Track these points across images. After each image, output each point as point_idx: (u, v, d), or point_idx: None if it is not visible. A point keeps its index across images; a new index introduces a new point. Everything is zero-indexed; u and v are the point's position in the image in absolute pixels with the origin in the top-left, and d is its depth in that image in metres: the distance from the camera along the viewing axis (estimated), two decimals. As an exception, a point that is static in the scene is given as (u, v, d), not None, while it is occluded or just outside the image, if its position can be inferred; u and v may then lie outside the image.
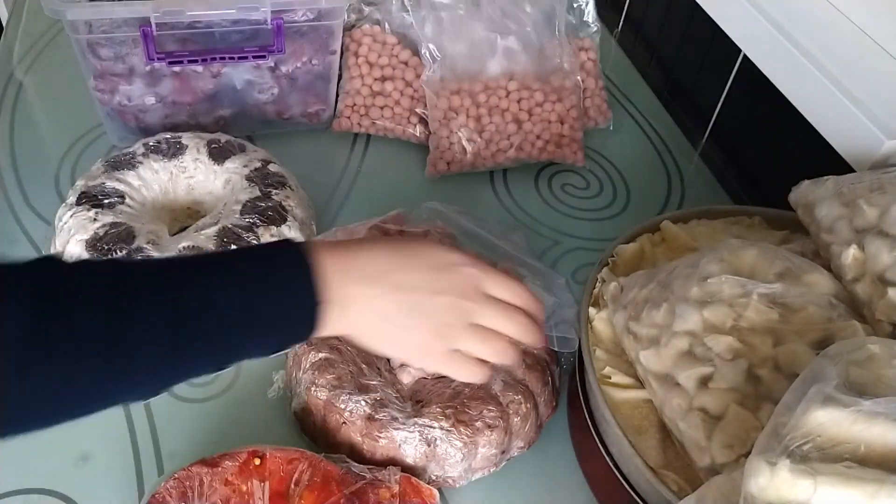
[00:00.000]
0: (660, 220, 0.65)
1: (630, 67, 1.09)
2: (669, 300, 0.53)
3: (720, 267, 0.53)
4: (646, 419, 0.53)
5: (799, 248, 0.59)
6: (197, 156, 0.76)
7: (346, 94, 0.90)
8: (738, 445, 0.46)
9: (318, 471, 0.52)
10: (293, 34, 0.82)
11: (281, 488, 0.51)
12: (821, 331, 0.49)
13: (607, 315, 0.58)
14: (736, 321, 0.50)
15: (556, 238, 0.82)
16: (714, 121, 0.95)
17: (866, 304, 0.51)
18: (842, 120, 0.65)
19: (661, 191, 0.89)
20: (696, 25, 0.96)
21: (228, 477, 0.52)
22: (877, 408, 0.37)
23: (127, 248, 0.66)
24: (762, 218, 0.66)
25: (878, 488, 0.36)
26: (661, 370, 0.52)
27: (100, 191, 0.71)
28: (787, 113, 0.72)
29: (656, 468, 0.50)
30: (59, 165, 0.84)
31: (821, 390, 0.39)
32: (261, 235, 0.69)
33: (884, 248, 0.51)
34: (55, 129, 0.89)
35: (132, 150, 0.76)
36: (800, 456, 0.37)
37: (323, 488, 0.51)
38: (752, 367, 0.48)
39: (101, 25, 0.76)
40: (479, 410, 0.58)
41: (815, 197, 0.58)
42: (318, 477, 0.52)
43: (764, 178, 0.87)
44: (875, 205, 0.53)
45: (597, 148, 0.94)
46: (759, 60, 0.75)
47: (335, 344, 0.61)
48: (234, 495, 0.51)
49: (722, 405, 0.48)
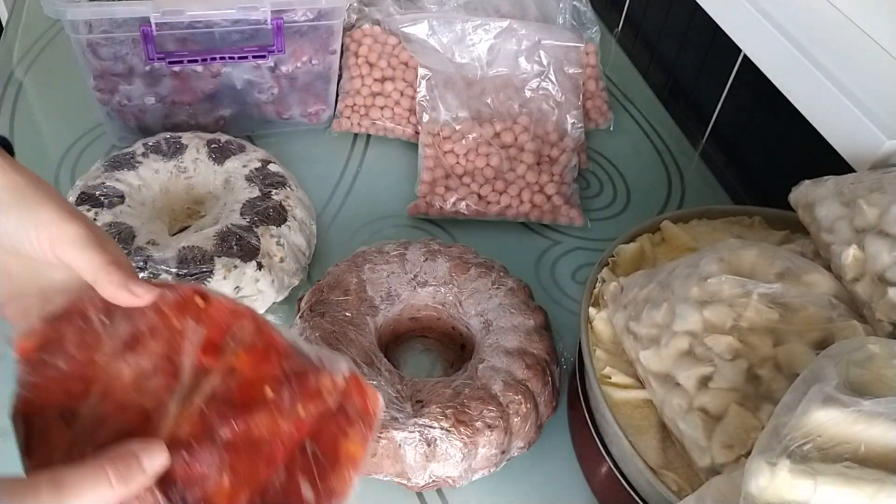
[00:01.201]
0: (660, 220, 0.65)
1: (630, 67, 1.09)
2: (669, 300, 0.53)
3: (720, 267, 0.52)
4: (646, 419, 0.53)
5: (799, 248, 0.59)
6: (197, 156, 0.76)
7: (346, 94, 0.90)
8: (738, 445, 0.46)
9: (263, 335, 0.44)
10: (293, 34, 0.82)
11: (216, 339, 0.44)
12: (821, 331, 0.49)
13: (607, 315, 0.58)
14: (736, 321, 0.50)
15: (556, 238, 0.82)
16: (714, 121, 0.95)
17: (866, 303, 0.51)
18: (842, 120, 0.65)
19: (662, 191, 0.89)
20: (696, 25, 0.96)
21: (163, 307, 0.44)
22: (877, 408, 0.37)
23: (127, 248, 0.66)
24: (762, 218, 0.66)
25: (879, 488, 0.36)
26: (662, 370, 0.52)
27: (99, 191, 0.71)
28: (788, 113, 0.72)
29: (656, 468, 0.50)
30: (58, 165, 0.84)
31: (821, 390, 0.38)
32: (261, 235, 0.69)
33: (884, 247, 0.51)
34: (55, 128, 0.89)
35: (132, 149, 0.76)
36: (800, 456, 0.37)
37: (262, 355, 0.44)
38: (752, 367, 0.48)
39: (101, 25, 0.76)
40: (479, 410, 0.58)
41: (816, 197, 0.58)
42: (261, 342, 0.44)
43: (764, 177, 0.87)
44: (875, 205, 0.53)
45: (597, 148, 0.94)
46: (760, 60, 0.75)
47: (335, 344, 0.61)
48: (162, 328, 0.43)
49: (722, 405, 0.48)
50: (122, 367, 0.42)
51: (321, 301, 0.64)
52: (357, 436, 0.44)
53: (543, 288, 0.76)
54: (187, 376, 0.43)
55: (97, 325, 0.43)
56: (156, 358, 0.43)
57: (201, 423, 0.41)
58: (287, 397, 0.42)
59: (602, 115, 0.96)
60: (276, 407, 0.42)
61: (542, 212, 0.82)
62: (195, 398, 0.42)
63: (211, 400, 0.42)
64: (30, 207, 0.42)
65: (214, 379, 0.42)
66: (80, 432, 0.40)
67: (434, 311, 0.68)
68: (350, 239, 0.80)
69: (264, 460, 0.41)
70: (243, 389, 0.42)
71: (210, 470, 0.40)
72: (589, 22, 0.98)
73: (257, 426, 0.41)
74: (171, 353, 0.43)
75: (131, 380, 0.42)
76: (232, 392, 0.42)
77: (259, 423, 0.41)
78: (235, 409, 0.41)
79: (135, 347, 0.43)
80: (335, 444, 0.43)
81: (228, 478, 0.40)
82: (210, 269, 0.66)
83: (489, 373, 0.60)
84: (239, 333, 0.44)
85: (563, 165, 0.85)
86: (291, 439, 0.42)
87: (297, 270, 0.72)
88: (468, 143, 0.86)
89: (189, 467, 0.40)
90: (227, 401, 0.42)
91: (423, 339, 0.71)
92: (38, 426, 0.41)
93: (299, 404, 0.42)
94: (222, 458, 0.40)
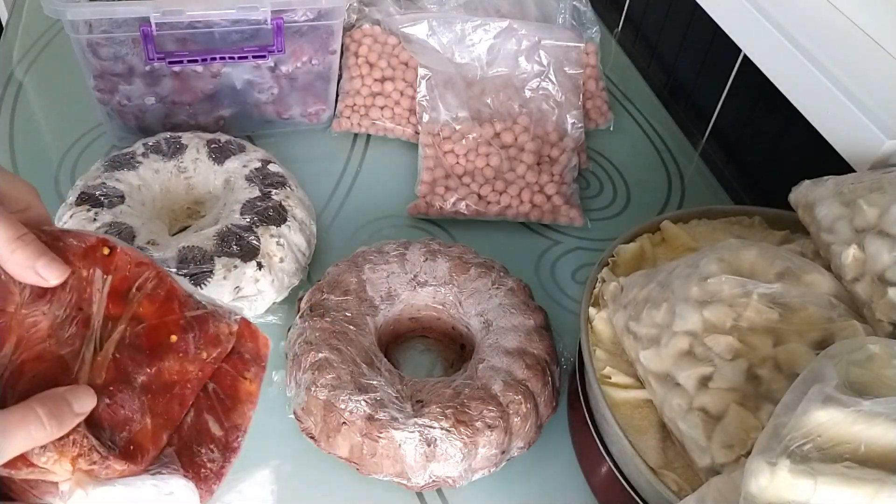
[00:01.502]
0: (660, 220, 0.65)
1: (630, 67, 1.09)
2: (669, 300, 0.53)
3: (720, 267, 0.52)
4: (646, 419, 0.53)
5: (799, 248, 0.59)
6: (197, 156, 0.76)
7: (346, 94, 0.90)
8: (738, 445, 0.46)
9: (164, 285, 0.47)
10: (293, 34, 0.82)
11: (122, 288, 0.46)
12: (821, 331, 0.49)
13: (607, 315, 0.58)
14: (736, 321, 0.50)
15: (556, 238, 0.82)
16: (714, 121, 0.95)
17: (866, 303, 0.51)
18: (842, 120, 0.65)
19: (662, 191, 0.89)
20: (696, 25, 0.96)
21: (71, 255, 0.45)
22: (877, 408, 0.37)
23: (127, 248, 0.66)
24: (762, 218, 0.66)
25: (879, 489, 0.36)
26: (661, 370, 0.52)
27: (100, 191, 0.71)
28: (788, 113, 0.72)
29: (656, 468, 0.50)
30: (58, 165, 0.84)
31: (821, 390, 0.38)
32: (261, 235, 0.69)
33: (884, 247, 0.51)
34: (55, 128, 0.89)
35: (132, 149, 0.76)
36: (800, 456, 0.37)
37: (164, 304, 0.47)
38: (752, 366, 0.48)
39: (101, 25, 0.76)
40: (479, 410, 0.58)
41: (816, 197, 0.58)
42: (163, 291, 0.47)
43: (764, 177, 0.87)
44: (875, 205, 0.53)
45: (597, 148, 0.94)
46: (760, 60, 0.75)
47: (335, 344, 0.61)
48: (72, 278, 0.45)
49: (722, 405, 0.48)
50: (37, 318, 0.43)
51: (321, 301, 0.64)
52: (252, 375, 0.49)
53: (543, 288, 0.76)
54: (97, 324, 0.45)
55: (4, 277, 0.43)
56: (68, 307, 0.44)
57: (116, 369, 0.44)
58: (192, 342, 0.46)
59: (602, 115, 0.96)
60: (183, 351, 0.46)
61: (542, 212, 0.82)
62: (107, 346, 0.44)
63: (121, 346, 0.44)
64: None
65: (122, 327, 0.45)
66: (0, 384, 0.42)
67: (434, 311, 0.68)
68: (350, 239, 0.80)
69: (177, 401, 0.45)
70: (150, 336, 0.45)
71: (132, 412, 0.43)
72: (589, 22, 0.98)
73: (168, 370, 0.45)
74: (80, 302, 0.45)
75: (47, 330, 0.43)
76: (140, 339, 0.45)
77: (170, 367, 0.45)
78: (145, 354, 0.45)
79: (46, 297, 0.44)
80: (235, 384, 0.48)
81: (150, 419, 0.44)
82: (210, 269, 0.66)
83: (489, 373, 0.60)
84: (142, 283, 0.47)
85: (563, 165, 0.85)
86: (198, 381, 0.46)
87: (297, 270, 0.72)
88: (468, 143, 0.85)
89: (113, 411, 0.42)
90: (136, 347, 0.45)
91: (423, 339, 0.71)
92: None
93: (202, 349, 0.46)
94: (141, 401, 0.43)
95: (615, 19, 1.16)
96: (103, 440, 0.41)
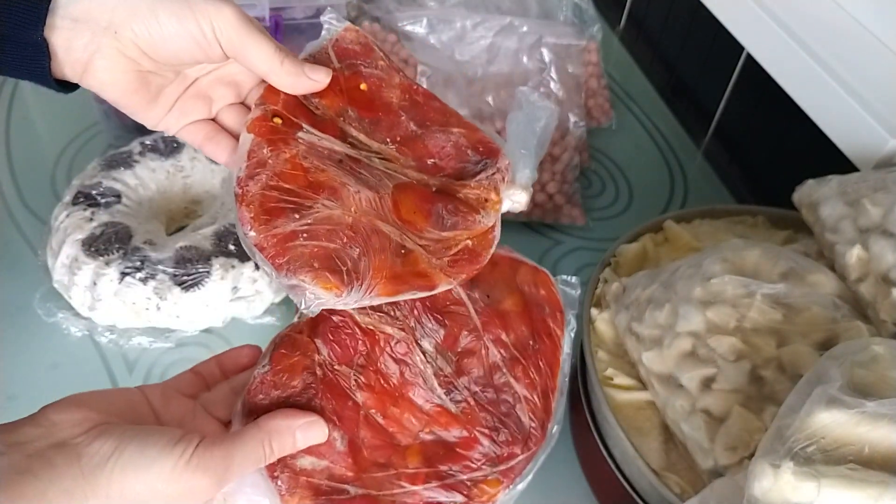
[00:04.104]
0: (663, 220, 0.65)
1: (632, 66, 1.08)
2: (672, 300, 0.52)
3: (723, 267, 0.52)
4: (648, 421, 0.53)
5: (803, 248, 0.58)
6: (194, 154, 0.76)
7: (346, 93, 0.90)
8: (741, 447, 0.46)
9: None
10: (292, 31, 0.81)
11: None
12: (825, 331, 0.49)
13: (609, 316, 0.58)
14: (739, 322, 0.49)
15: (558, 237, 0.82)
16: (717, 119, 0.94)
17: (870, 304, 0.50)
18: (846, 119, 0.64)
19: (664, 190, 0.89)
20: (698, 23, 0.96)
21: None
22: (881, 409, 0.37)
23: (123, 247, 0.65)
24: (766, 217, 0.65)
25: (882, 490, 0.36)
26: (664, 371, 0.51)
27: (96, 190, 0.70)
28: (791, 111, 0.71)
29: (659, 470, 0.50)
30: (55, 164, 0.84)
31: (825, 392, 0.38)
32: (259, 235, 0.68)
33: (888, 247, 0.50)
34: (51, 127, 0.89)
35: (129, 148, 0.76)
36: (803, 458, 0.37)
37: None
38: (755, 368, 0.48)
39: (99, 23, 0.75)
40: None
41: (819, 196, 0.57)
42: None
43: (767, 177, 0.87)
44: (879, 204, 0.52)
45: (599, 147, 0.93)
46: (763, 59, 0.75)
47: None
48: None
49: (725, 407, 0.47)
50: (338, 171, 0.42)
51: (320, 301, 0.63)
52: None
53: (544, 288, 0.76)
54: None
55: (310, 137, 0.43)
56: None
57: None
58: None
59: (604, 113, 0.95)
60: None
61: (543, 211, 0.82)
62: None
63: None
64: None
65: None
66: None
67: (434, 311, 0.68)
68: (349, 238, 0.79)
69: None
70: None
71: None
72: (591, 19, 0.97)
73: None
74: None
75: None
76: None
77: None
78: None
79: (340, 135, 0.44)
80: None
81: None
82: (207, 269, 0.65)
83: (489, 373, 0.60)
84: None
85: (565, 164, 0.85)
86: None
87: (296, 270, 0.71)
88: (468, 141, 0.85)
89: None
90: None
91: (423, 339, 0.70)
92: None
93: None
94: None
95: (617, 16, 1.16)
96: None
